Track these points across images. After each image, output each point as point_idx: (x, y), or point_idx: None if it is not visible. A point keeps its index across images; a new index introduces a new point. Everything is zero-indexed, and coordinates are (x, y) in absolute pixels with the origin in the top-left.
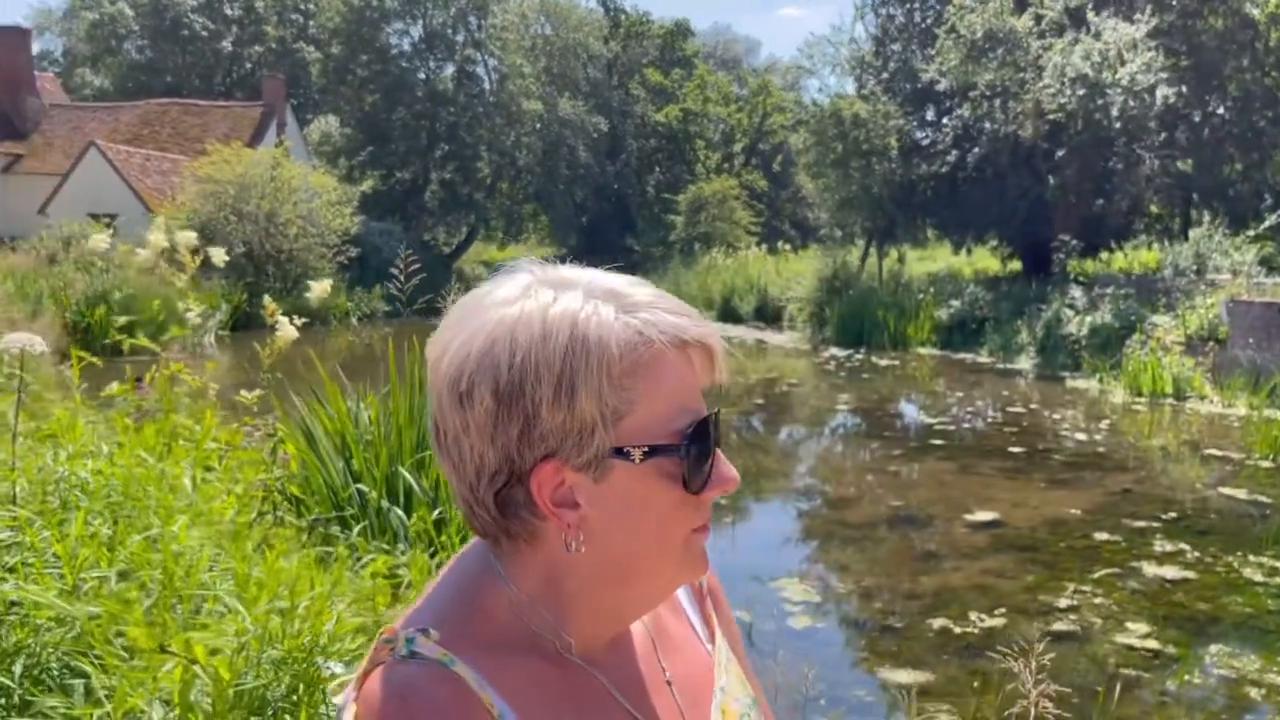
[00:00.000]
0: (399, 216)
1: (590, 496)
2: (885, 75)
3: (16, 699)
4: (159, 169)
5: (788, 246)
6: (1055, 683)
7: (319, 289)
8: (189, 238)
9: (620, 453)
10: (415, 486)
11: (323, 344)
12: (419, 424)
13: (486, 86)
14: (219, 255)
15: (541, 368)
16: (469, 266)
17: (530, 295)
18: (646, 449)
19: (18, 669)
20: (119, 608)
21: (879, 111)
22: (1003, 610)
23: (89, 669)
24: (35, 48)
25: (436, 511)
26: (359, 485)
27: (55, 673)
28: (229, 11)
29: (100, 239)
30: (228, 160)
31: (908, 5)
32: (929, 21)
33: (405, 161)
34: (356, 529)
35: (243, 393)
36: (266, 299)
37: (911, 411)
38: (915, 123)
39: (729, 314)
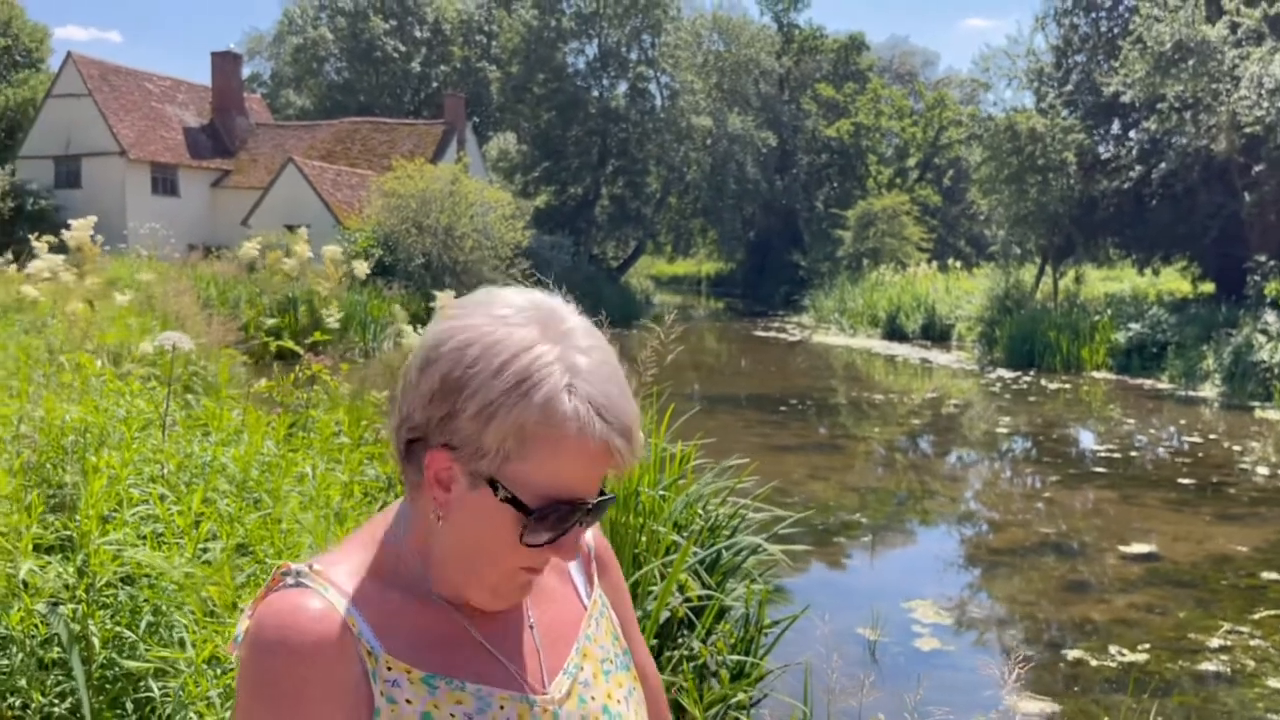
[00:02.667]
0: (569, 230)
1: (460, 493)
2: (1067, 88)
3: (141, 651)
4: (349, 183)
5: (959, 264)
6: None
7: (442, 300)
8: (334, 251)
9: (492, 483)
10: None
11: None
12: None
13: (657, 103)
14: (361, 268)
15: (481, 390)
16: (636, 280)
17: (521, 325)
18: (510, 496)
19: (142, 625)
20: (210, 571)
21: (1057, 125)
22: (1147, 646)
23: (184, 621)
24: (246, 71)
25: None
26: None
27: (174, 628)
28: (418, 34)
29: (250, 246)
30: (410, 176)
31: (1093, 14)
32: (1115, 31)
33: (577, 177)
34: None
35: (373, 393)
36: (396, 308)
37: (1076, 436)
38: (1097, 137)
39: (894, 332)
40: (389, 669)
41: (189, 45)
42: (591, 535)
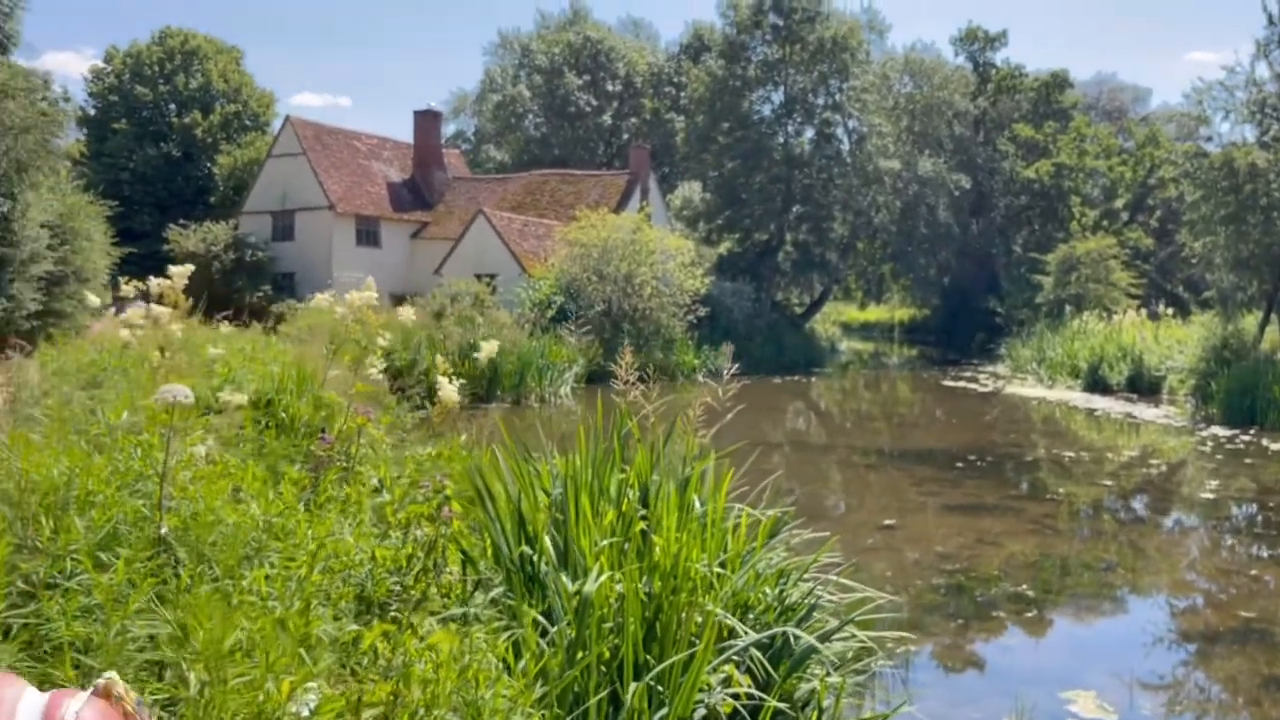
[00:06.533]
0: (751, 277)
1: None
2: None
3: None
4: (535, 233)
5: (1170, 311)
6: None
7: (487, 349)
8: (370, 297)
9: None
10: (553, 554)
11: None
12: (598, 484)
13: (844, 147)
14: (408, 314)
15: None
16: (821, 326)
17: None
18: None
19: None
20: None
21: None
22: None
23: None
24: (452, 128)
25: (577, 584)
26: (523, 548)
27: None
28: (610, 87)
29: (370, 295)
30: (594, 225)
31: None
32: None
33: (760, 223)
34: (492, 592)
35: (414, 450)
36: (439, 359)
37: None
38: None
39: (1096, 383)
40: None
41: (410, 106)
42: None
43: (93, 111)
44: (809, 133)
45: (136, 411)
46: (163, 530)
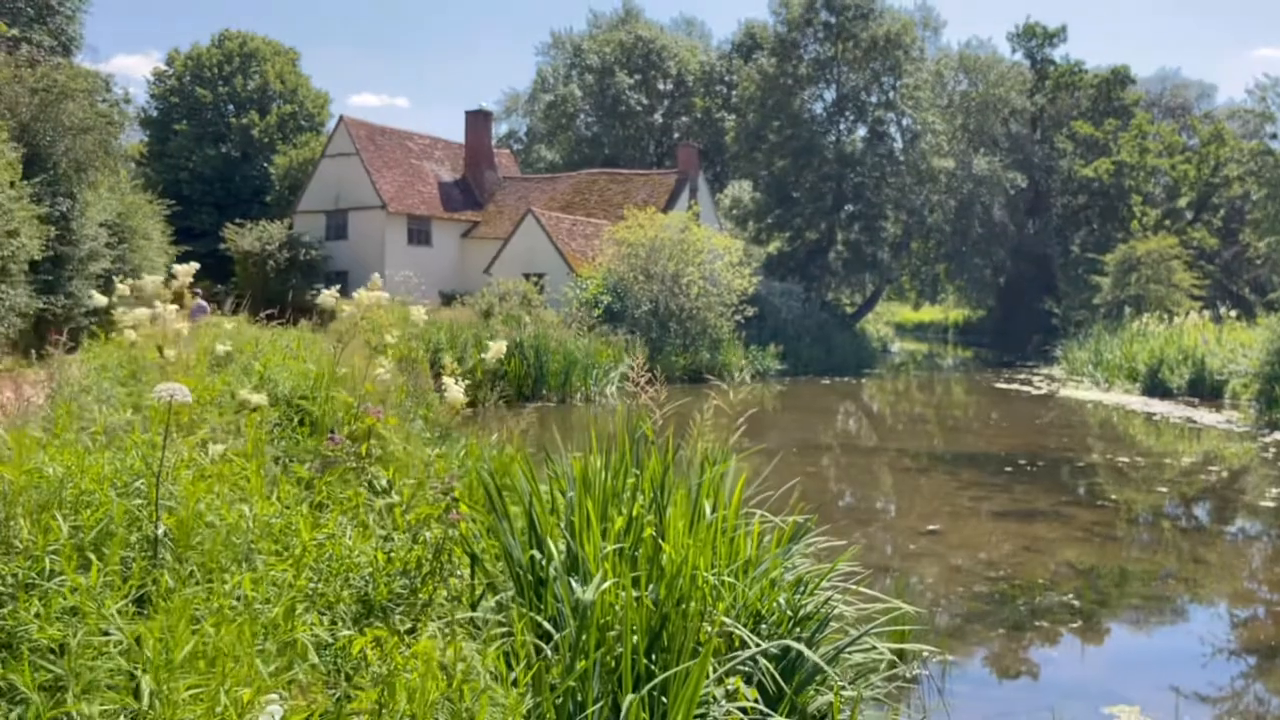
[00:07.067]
0: (800, 276)
1: None
2: None
3: None
4: (583, 233)
5: (1234, 312)
6: None
7: (495, 350)
8: (377, 297)
9: None
10: (556, 558)
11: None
12: (614, 487)
13: (897, 145)
14: (419, 314)
15: None
16: (873, 327)
17: None
18: None
19: None
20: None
21: None
22: None
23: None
24: (504, 128)
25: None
26: (532, 552)
27: None
28: (661, 86)
29: (377, 295)
30: (641, 224)
31: None
32: None
33: (811, 223)
34: (498, 596)
35: (427, 450)
36: (446, 359)
37: None
38: None
39: (1155, 387)
40: None
41: (466, 106)
42: None
43: (154, 113)
44: (861, 131)
45: (140, 410)
46: (160, 530)
